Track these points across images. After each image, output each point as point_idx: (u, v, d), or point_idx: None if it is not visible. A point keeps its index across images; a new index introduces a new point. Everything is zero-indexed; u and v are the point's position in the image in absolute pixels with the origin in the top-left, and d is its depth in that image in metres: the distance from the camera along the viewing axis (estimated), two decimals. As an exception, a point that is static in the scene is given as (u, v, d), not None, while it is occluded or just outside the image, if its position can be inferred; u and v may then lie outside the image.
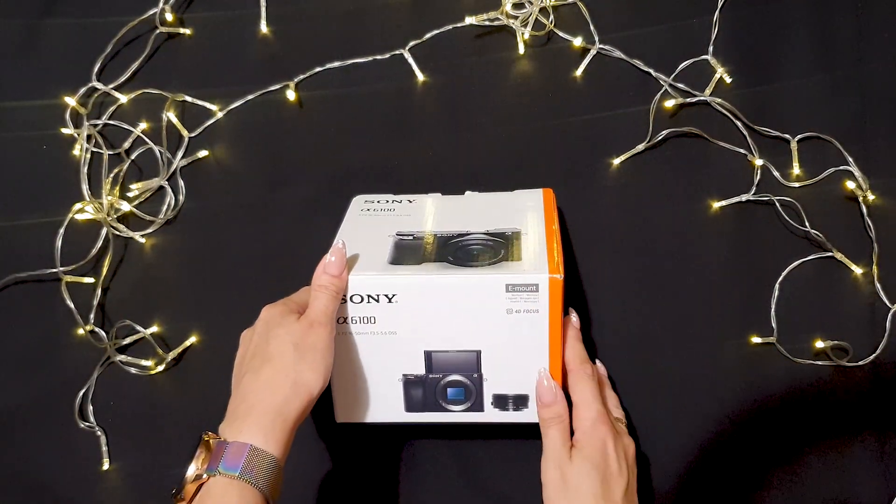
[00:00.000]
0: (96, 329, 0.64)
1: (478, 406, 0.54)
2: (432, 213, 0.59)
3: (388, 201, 0.61)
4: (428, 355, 0.53)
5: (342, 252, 0.51)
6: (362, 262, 0.53)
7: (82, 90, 0.66)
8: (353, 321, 0.52)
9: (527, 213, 0.58)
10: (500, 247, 0.54)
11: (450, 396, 0.54)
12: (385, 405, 0.55)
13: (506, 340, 0.52)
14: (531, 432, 0.54)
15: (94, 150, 0.65)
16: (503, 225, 0.56)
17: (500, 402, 0.54)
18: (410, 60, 0.65)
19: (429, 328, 0.52)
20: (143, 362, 0.64)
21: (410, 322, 0.52)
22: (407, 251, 0.54)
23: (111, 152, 0.66)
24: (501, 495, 0.62)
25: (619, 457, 0.52)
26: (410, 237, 0.55)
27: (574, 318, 0.57)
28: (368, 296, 0.51)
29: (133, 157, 0.66)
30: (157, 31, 0.66)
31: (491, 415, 0.54)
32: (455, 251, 0.53)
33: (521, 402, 0.54)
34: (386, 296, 0.51)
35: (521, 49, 0.65)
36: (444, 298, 0.51)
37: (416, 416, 0.55)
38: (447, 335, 0.52)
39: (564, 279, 0.50)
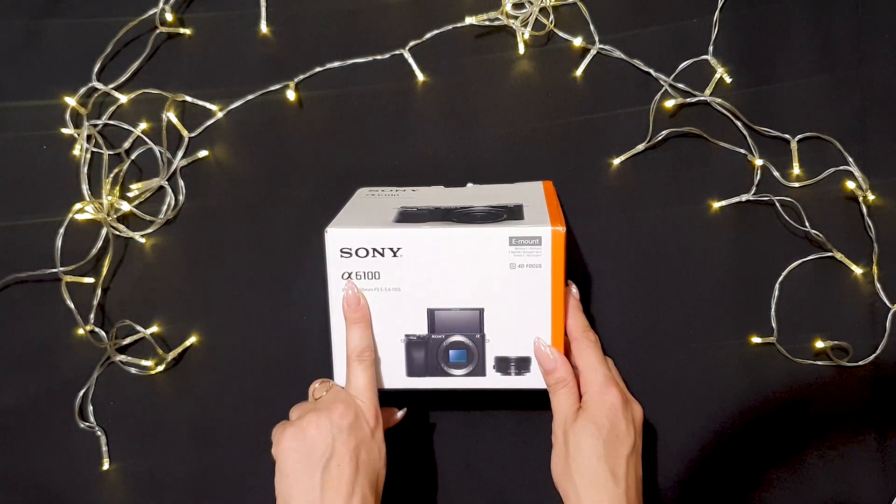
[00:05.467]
0: (96, 329, 0.64)
1: (480, 370, 0.54)
2: (435, 197, 0.59)
3: (392, 190, 0.61)
4: (431, 314, 0.53)
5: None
6: (368, 220, 0.53)
7: (82, 90, 0.66)
8: (358, 276, 0.52)
9: (528, 195, 0.59)
10: (502, 212, 0.54)
11: (451, 359, 0.54)
12: (386, 369, 0.55)
13: (509, 297, 0.52)
14: (533, 402, 0.55)
15: (94, 150, 0.65)
16: (505, 202, 0.57)
17: (502, 365, 0.54)
18: (410, 60, 0.65)
19: (432, 284, 0.52)
20: (143, 362, 0.64)
21: (414, 278, 0.52)
22: (411, 216, 0.54)
23: (111, 152, 0.66)
24: (504, 470, 0.63)
25: (627, 419, 0.53)
26: (414, 208, 0.56)
27: (574, 289, 0.57)
28: (373, 249, 0.52)
29: (133, 157, 0.66)
30: (157, 31, 0.66)
31: (493, 380, 0.54)
32: (459, 215, 0.54)
33: (523, 365, 0.54)
34: (391, 249, 0.52)
35: (521, 49, 0.65)
36: (448, 252, 0.52)
37: (417, 381, 0.55)
38: (450, 292, 0.52)
39: (567, 234, 0.51)
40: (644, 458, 0.55)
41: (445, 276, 0.52)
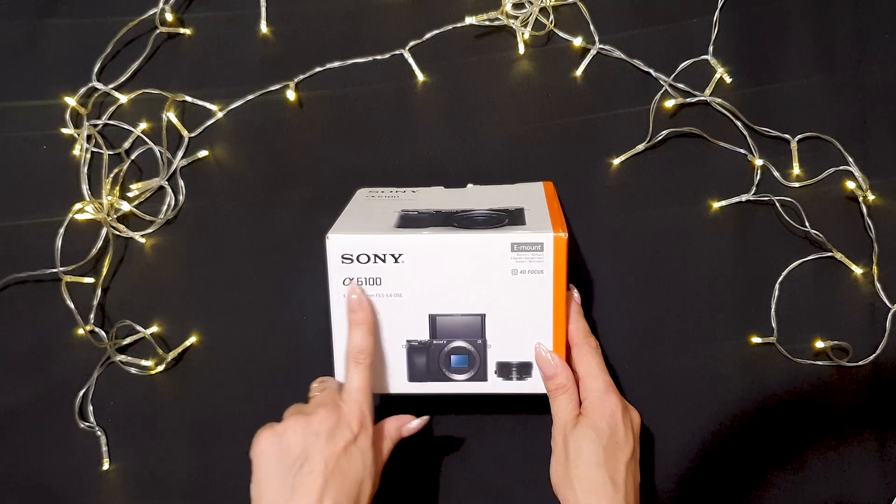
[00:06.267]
0: (96, 329, 0.64)
1: (481, 375, 0.54)
2: (436, 199, 0.59)
3: (392, 191, 0.61)
4: (432, 319, 0.53)
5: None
6: (369, 225, 0.53)
7: (82, 90, 0.66)
8: (359, 282, 0.52)
9: (529, 197, 0.59)
10: (504, 217, 0.54)
11: (453, 364, 0.54)
12: (388, 375, 0.55)
13: (510, 303, 0.52)
14: (534, 406, 0.54)
15: (94, 150, 0.65)
16: (506, 205, 0.57)
17: (504, 370, 0.54)
18: (410, 60, 0.65)
19: (434, 290, 0.52)
20: (143, 362, 0.64)
21: (416, 284, 0.52)
22: (412, 220, 0.54)
23: (111, 152, 0.66)
24: (504, 474, 0.63)
25: (626, 427, 0.53)
26: (415, 212, 0.56)
27: (576, 293, 0.57)
28: (375, 255, 0.52)
29: (133, 157, 0.66)
30: (157, 31, 0.66)
31: (494, 385, 0.54)
32: (460, 220, 0.54)
33: (524, 370, 0.54)
34: (392, 255, 0.52)
35: (521, 49, 0.65)
36: (450, 258, 0.52)
37: (418, 386, 0.55)
38: (452, 298, 0.52)
39: (569, 239, 0.51)
40: (644, 458, 0.55)
41: (447, 282, 0.52)
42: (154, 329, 0.65)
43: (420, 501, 0.63)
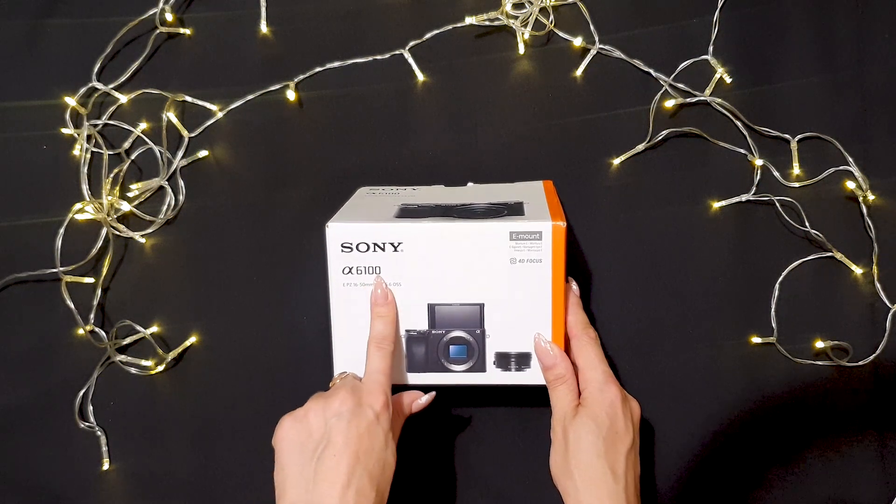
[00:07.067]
0: (96, 329, 0.64)
1: (480, 366, 0.54)
2: (436, 196, 0.59)
3: (392, 189, 0.62)
4: (431, 309, 0.53)
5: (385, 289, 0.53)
6: (369, 215, 0.53)
7: (82, 90, 0.66)
8: (358, 271, 0.52)
9: (529, 193, 0.59)
10: (503, 209, 0.54)
11: (452, 355, 0.54)
12: None
13: (509, 292, 0.52)
14: (533, 399, 0.54)
15: (94, 150, 0.65)
16: (506, 200, 0.57)
17: (503, 360, 0.54)
18: (410, 60, 0.65)
19: (433, 279, 0.52)
20: (143, 362, 0.64)
21: (415, 273, 0.52)
22: (412, 212, 0.54)
23: (111, 152, 0.66)
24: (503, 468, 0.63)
25: (626, 417, 0.53)
26: (415, 205, 0.56)
27: (574, 286, 0.57)
28: (374, 244, 0.52)
29: (133, 157, 0.66)
30: (157, 31, 0.66)
31: (493, 376, 0.54)
32: (460, 212, 0.54)
33: (523, 361, 0.54)
34: (392, 244, 0.52)
35: (521, 49, 0.65)
36: (449, 247, 0.52)
37: (417, 376, 0.55)
38: (451, 287, 0.53)
39: (567, 228, 0.51)
40: (643, 458, 0.55)
41: (446, 271, 0.52)
42: (154, 329, 0.65)
43: (418, 494, 0.63)
